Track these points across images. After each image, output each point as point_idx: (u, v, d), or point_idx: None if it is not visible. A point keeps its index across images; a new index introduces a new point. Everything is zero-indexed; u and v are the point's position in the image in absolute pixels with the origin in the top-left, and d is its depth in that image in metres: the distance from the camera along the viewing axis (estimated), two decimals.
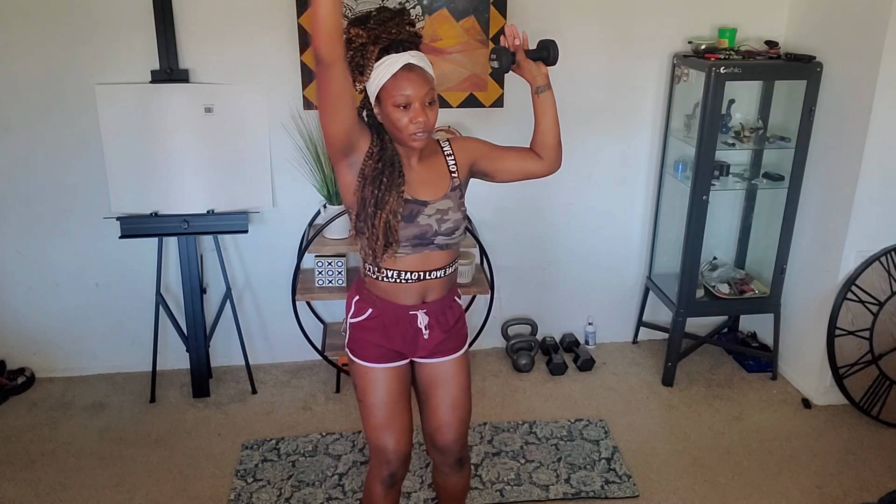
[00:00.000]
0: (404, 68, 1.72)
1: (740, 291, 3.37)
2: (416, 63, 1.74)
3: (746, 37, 3.23)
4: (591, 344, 3.69)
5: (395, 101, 1.73)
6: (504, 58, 1.89)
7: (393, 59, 1.73)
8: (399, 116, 1.74)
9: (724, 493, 2.68)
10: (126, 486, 2.70)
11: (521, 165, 1.99)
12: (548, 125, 1.96)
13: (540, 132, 1.97)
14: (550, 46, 1.91)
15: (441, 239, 1.87)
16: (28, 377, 3.32)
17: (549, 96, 1.94)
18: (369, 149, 1.80)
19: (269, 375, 3.44)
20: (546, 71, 1.93)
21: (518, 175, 2.01)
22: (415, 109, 1.73)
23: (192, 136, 3.02)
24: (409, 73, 1.72)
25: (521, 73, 1.93)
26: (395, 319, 1.93)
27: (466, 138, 2.04)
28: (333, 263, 3.13)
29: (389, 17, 1.74)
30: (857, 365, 3.05)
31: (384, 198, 1.78)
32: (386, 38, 1.73)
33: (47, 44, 2.91)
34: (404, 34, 1.76)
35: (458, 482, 2.15)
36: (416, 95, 1.73)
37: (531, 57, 1.91)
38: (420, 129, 1.75)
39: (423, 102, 1.74)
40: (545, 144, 1.98)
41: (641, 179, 3.48)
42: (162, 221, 3.07)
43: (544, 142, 1.98)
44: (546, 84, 1.93)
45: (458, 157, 1.93)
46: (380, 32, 1.72)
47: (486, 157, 1.97)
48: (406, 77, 1.72)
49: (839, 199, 3.01)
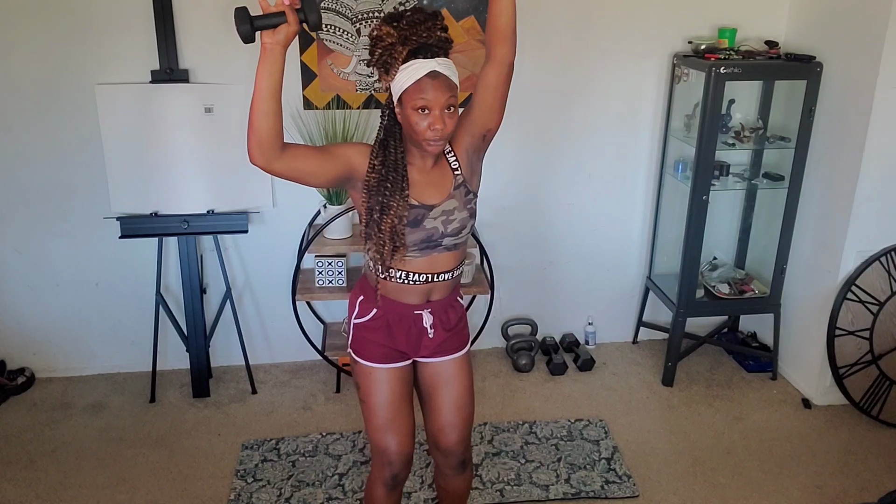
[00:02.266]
0: (429, 75, 1.70)
1: (740, 291, 3.37)
2: (441, 71, 1.72)
3: (746, 37, 3.24)
4: (591, 344, 3.69)
5: (416, 105, 1.72)
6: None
7: (419, 64, 1.71)
8: (418, 121, 1.73)
9: (724, 493, 2.68)
10: (126, 486, 2.70)
11: (486, 86, 1.83)
12: (504, 4, 1.76)
13: (494, 14, 1.77)
14: None
15: (448, 240, 1.87)
16: (28, 377, 3.32)
17: None
18: (370, 163, 1.80)
19: (269, 375, 3.44)
20: None
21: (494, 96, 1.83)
22: (434, 116, 1.72)
23: (192, 136, 3.02)
24: (433, 79, 1.71)
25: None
26: (400, 319, 1.93)
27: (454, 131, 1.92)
28: (333, 263, 3.13)
29: (422, 19, 1.71)
30: (857, 365, 3.05)
31: (389, 202, 1.78)
32: (415, 40, 1.70)
33: (47, 44, 2.91)
34: (434, 39, 1.72)
35: (461, 484, 2.15)
36: (437, 102, 1.71)
37: None
38: (437, 136, 1.74)
39: (442, 109, 1.72)
40: (499, 29, 1.78)
41: (641, 179, 3.48)
42: (162, 221, 3.07)
43: (498, 26, 1.78)
44: None
45: (456, 149, 1.91)
46: (409, 34, 1.70)
47: (468, 123, 1.88)
48: (429, 83, 1.70)
49: (839, 199, 3.01)
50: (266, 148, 1.64)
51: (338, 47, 3.05)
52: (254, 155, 1.65)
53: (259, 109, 1.61)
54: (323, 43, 3.03)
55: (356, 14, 3.00)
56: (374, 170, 1.80)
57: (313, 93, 3.10)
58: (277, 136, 1.64)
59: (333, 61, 3.07)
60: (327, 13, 2.98)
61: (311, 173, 1.75)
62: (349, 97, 3.12)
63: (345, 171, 1.80)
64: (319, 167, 1.75)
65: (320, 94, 3.10)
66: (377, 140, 1.84)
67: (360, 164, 1.80)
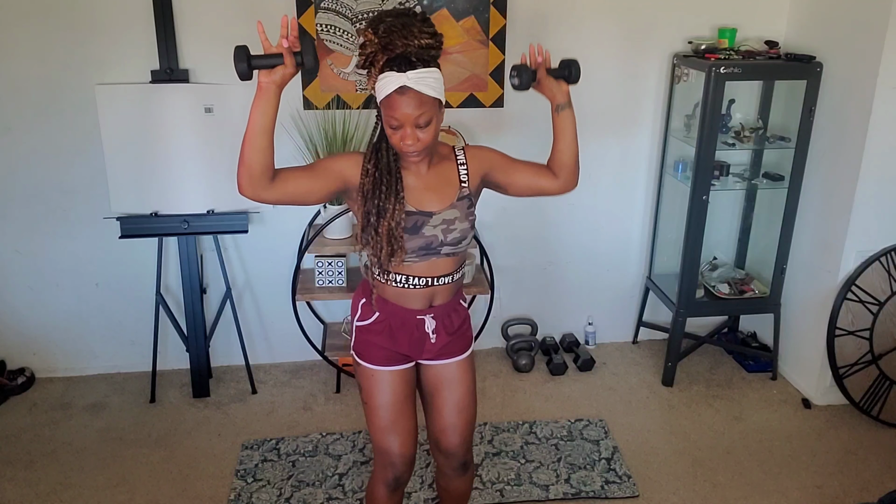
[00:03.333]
0: (398, 91, 1.67)
1: (740, 291, 3.37)
2: (411, 86, 1.66)
3: (746, 37, 3.23)
4: (591, 344, 3.69)
5: (387, 121, 1.73)
6: (524, 75, 1.87)
7: (390, 78, 1.67)
8: (391, 134, 1.74)
9: (724, 493, 2.68)
10: (126, 486, 2.70)
11: (535, 181, 1.97)
12: (566, 143, 1.95)
13: (558, 150, 1.96)
14: (572, 65, 1.90)
15: (447, 248, 1.86)
16: (28, 377, 3.32)
17: (569, 115, 1.93)
18: (363, 167, 1.80)
19: (269, 375, 3.44)
20: (567, 89, 1.92)
21: (531, 191, 1.98)
22: (403, 132, 1.71)
23: (192, 136, 3.02)
24: (400, 96, 1.67)
25: (541, 91, 1.92)
26: (402, 323, 1.93)
27: (482, 148, 1.97)
28: (333, 263, 3.13)
29: (399, 27, 1.67)
30: (857, 365, 3.05)
31: (385, 206, 1.77)
32: (392, 50, 1.68)
33: (47, 44, 2.91)
34: (413, 48, 1.67)
35: (462, 485, 2.15)
36: (406, 119, 1.69)
37: (552, 75, 1.90)
38: (411, 150, 1.74)
39: (412, 125, 1.70)
40: (562, 163, 1.96)
41: (641, 179, 3.48)
42: (162, 221, 3.07)
43: (561, 160, 1.96)
44: (567, 102, 1.92)
45: (471, 166, 1.90)
46: (387, 42, 1.67)
47: (499, 168, 1.94)
48: (398, 100, 1.68)
49: (839, 199, 3.01)
50: (256, 181, 1.66)
51: (338, 47, 3.05)
52: (243, 187, 1.67)
53: (251, 145, 1.63)
54: (323, 43, 3.03)
55: (356, 14, 3.00)
56: (368, 173, 1.79)
57: (313, 93, 3.10)
58: (268, 169, 1.66)
59: (333, 61, 3.07)
60: (327, 13, 2.98)
61: (305, 194, 1.75)
62: (349, 97, 3.12)
63: (339, 186, 1.80)
64: (312, 187, 1.75)
65: (320, 94, 3.11)
66: (370, 144, 1.83)
67: (352, 176, 1.80)
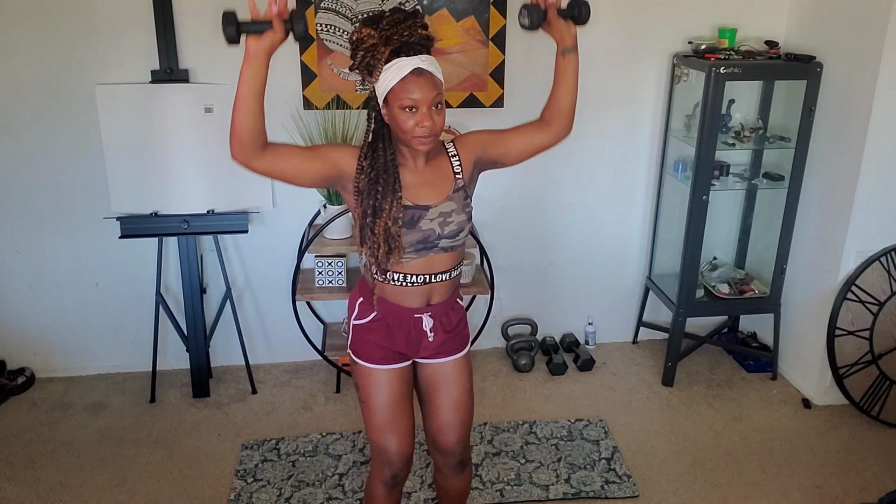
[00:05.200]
0: (413, 72, 1.71)
1: (740, 291, 3.37)
2: (425, 67, 1.72)
3: (746, 37, 3.23)
4: (591, 344, 3.69)
5: (403, 104, 1.72)
6: (534, 14, 1.82)
7: (403, 62, 1.71)
8: (405, 119, 1.73)
9: (724, 493, 2.68)
10: (126, 486, 2.70)
11: (529, 141, 1.95)
12: (567, 87, 1.91)
13: (558, 95, 1.93)
14: (582, 5, 1.85)
15: (445, 242, 1.86)
16: (28, 377, 3.32)
17: (573, 59, 1.90)
18: (358, 164, 1.80)
19: (269, 375, 3.44)
20: (575, 31, 1.88)
21: (528, 152, 1.96)
22: (422, 113, 1.72)
23: (192, 136, 3.02)
24: (417, 77, 1.71)
25: (549, 32, 1.88)
26: (400, 322, 1.93)
27: (468, 134, 1.99)
28: (333, 264, 3.13)
29: (402, 18, 1.72)
30: (857, 365, 3.05)
31: (381, 205, 1.77)
32: (397, 40, 1.71)
33: (47, 44, 2.91)
34: (416, 37, 1.73)
35: (460, 484, 2.15)
36: (424, 100, 1.71)
37: (561, 15, 1.86)
38: (426, 133, 1.74)
39: (430, 106, 1.73)
40: (559, 108, 1.93)
41: (641, 179, 3.48)
42: (162, 221, 3.07)
43: (559, 105, 1.93)
44: (573, 45, 1.89)
45: (462, 155, 1.91)
46: (391, 34, 1.70)
47: (490, 144, 1.94)
48: (414, 81, 1.71)
49: (839, 199, 3.01)
50: (246, 146, 1.67)
51: (338, 47, 3.05)
52: (234, 152, 1.68)
53: (240, 110, 1.64)
54: (323, 43, 3.03)
55: (356, 14, 3.00)
56: (363, 171, 1.79)
57: (313, 93, 3.10)
58: (258, 135, 1.67)
59: (333, 61, 3.07)
60: (327, 13, 2.98)
61: (296, 173, 1.76)
62: (349, 97, 3.12)
63: (331, 172, 1.80)
64: (304, 167, 1.76)
65: (320, 94, 3.11)
66: (365, 142, 1.83)
67: (347, 166, 1.80)
